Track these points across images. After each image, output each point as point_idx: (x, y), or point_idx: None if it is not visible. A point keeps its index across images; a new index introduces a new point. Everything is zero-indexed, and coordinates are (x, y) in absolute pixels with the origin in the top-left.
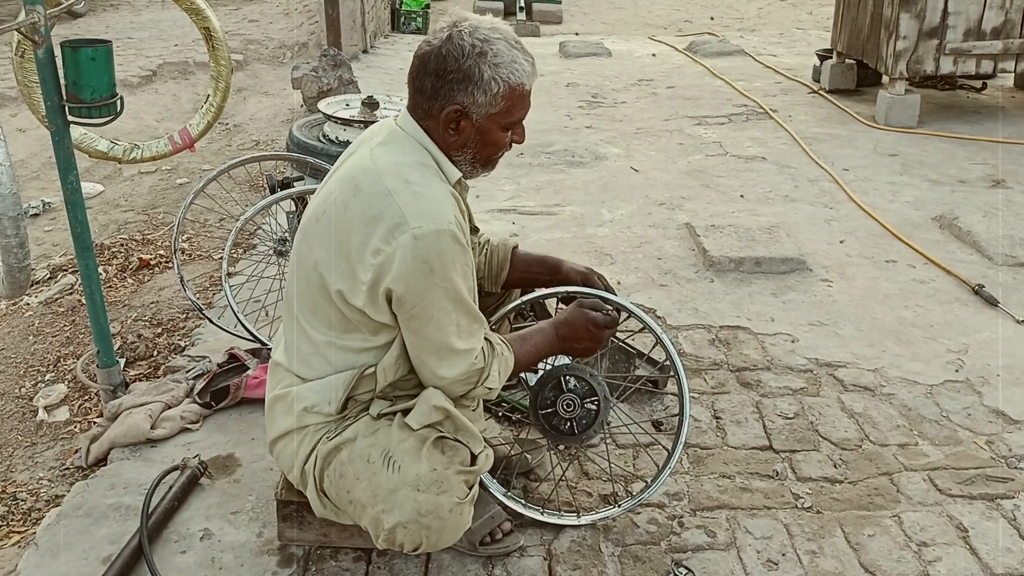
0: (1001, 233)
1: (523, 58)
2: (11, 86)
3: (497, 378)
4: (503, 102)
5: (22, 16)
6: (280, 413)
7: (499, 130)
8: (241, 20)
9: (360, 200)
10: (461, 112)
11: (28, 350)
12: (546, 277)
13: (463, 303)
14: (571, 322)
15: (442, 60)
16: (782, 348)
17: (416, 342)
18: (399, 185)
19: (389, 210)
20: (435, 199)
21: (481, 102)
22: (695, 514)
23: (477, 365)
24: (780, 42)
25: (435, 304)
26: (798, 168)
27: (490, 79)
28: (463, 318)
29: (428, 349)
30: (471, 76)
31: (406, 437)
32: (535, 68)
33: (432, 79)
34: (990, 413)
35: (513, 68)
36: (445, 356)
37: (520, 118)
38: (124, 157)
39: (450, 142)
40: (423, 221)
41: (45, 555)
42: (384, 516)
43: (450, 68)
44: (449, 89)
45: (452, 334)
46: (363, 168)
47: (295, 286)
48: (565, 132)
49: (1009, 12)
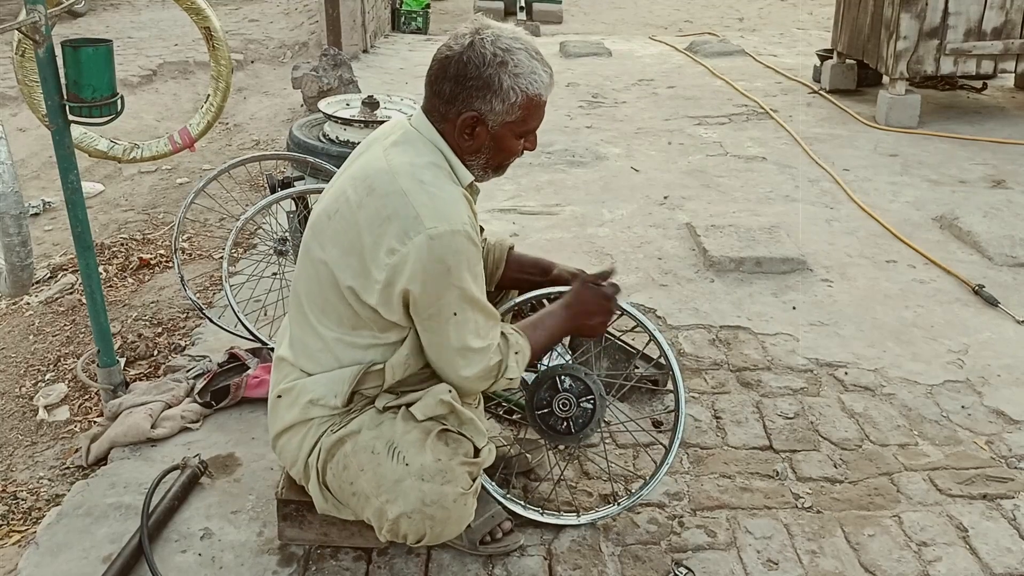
0: (1001, 233)
1: (542, 69)
2: (12, 85)
3: (516, 368)
4: (520, 111)
5: (23, 15)
6: (284, 407)
7: (513, 138)
8: (241, 20)
9: (374, 200)
10: (478, 119)
11: (28, 349)
12: (538, 278)
13: (478, 302)
14: (581, 297)
15: (463, 66)
16: (782, 348)
17: (435, 341)
18: (413, 185)
19: (404, 210)
20: (449, 200)
21: (498, 110)
22: (695, 514)
23: (495, 359)
24: (780, 42)
25: (453, 304)
26: (798, 168)
27: (509, 88)
28: (479, 316)
29: (448, 349)
30: (491, 84)
31: (411, 429)
32: (553, 79)
33: (451, 84)
34: (990, 413)
35: (532, 79)
36: (465, 355)
37: (534, 127)
38: (124, 156)
39: (464, 147)
40: (438, 221)
41: (45, 554)
42: (388, 507)
43: (470, 75)
44: (468, 96)
45: (470, 333)
46: (377, 168)
47: (304, 282)
48: (565, 132)
49: (1009, 12)
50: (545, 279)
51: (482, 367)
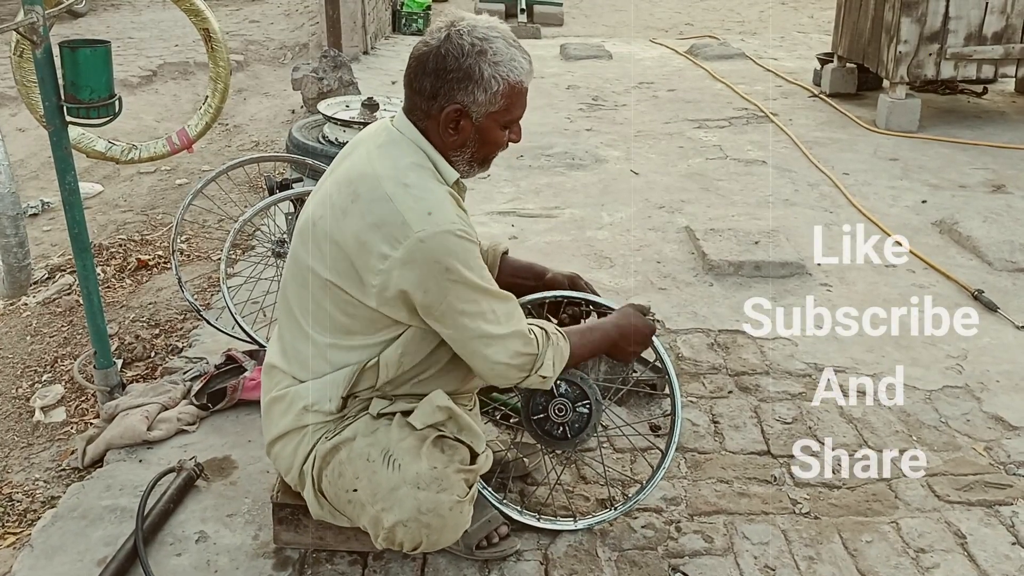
0: (1001, 238)
1: (521, 56)
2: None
3: (551, 367)
4: (502, 100)
5: (21, 16)
6: (278, 414)
7: (498, 128)
8: (242, 21)
9: (359, 206)
10: (461, 111)
11: (25, 350)
12: (532, 283)
13: (487, 290)
14: (636, 325)
15: (441, 59)
16: (781, 353)
17: (456, 336)
18: (398, 190)
19: (391, 216)
20: (435, 201)
21: (481, 100)
22: (692, 519)
23: (529, 350)
24: (781, 46)
25: (460, 298)
26: (798, 172)
27: (490, 77)
28: (492, 303)
29: (470, 340)
30: (471, 75)
31: (406, 436)
32: (532, 66)
33: (431, 79)
34: (989, 419)
35: (512, 66)
36: (488, 343)
37: (518, 116)
38: (122, 157)
39: (449, 142)
40: (426, 224)
41: (40, 556)
42: (384, 515)
43: (450, 67)
44: (449, 88)
45: (487, 321)
46: (360, 173)
47: (293, 289)
48: (565, 134)
49: (1010, 17)
50: (539, 283)
51: (512, 352)
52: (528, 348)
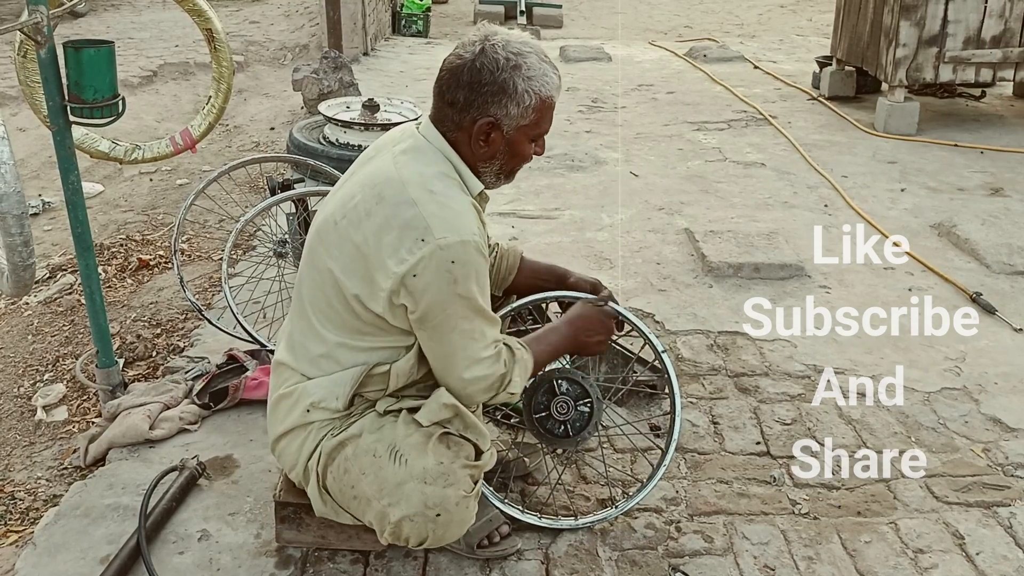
0: (999, 241)
1: (552, 72)
2: (12, 85)
3: (519, 382)
4: (533, 114)
5: (25, 16)
6: (284, 410)
7: (526, 142)
8: (242, 21)
9: (383, 208)
10: (493, 124)
11: (27, 349)
12: (552, 286)
13: (483, 312)
14: (585, 316)
15: (477, 72)
16: (780, 354)
17: (439, 350)
18: (424, 195)
19: (414, 220)
20: (460, 210)
21: (514, 114)
22: (692, 519)
23: (499, 371)
24: (780, 48)
25: (458, 313)
26: (797, 174)
27: (524, 92)
28: (484, 325)
29: (452, 357)
30: (505, 88)
31: (412, 432)
32: (561, 81)
33: (465, 91)
34: (987, 421)
35: (544, 81)
36: (469, 365)
37: (546, 130)
38: (125, 158)
39: (479, 154)
40: (448, 232)
41: (43, 555)
42: (390, 510)
43: (485, 80)
44: (483, 101)
45: (475, 342)
46: (387, 176)
47: (308, 287)
48: (565, 136)
49: (1008, 21)
50: (561, 288)
51: (485, 375)
52: (500, 369)
